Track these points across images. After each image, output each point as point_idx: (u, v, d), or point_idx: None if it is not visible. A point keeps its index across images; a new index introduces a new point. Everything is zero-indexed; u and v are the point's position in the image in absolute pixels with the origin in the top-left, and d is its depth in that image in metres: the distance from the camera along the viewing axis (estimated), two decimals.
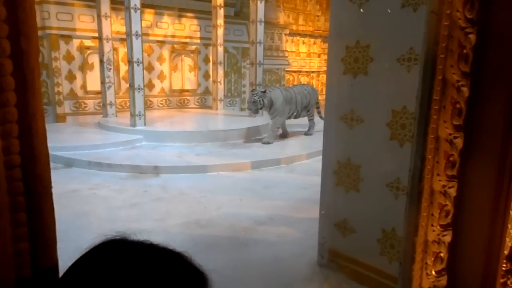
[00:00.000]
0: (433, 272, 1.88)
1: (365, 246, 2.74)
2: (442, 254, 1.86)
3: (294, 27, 13.71)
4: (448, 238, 1.83)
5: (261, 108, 7.24)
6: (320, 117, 8.35)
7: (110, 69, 8.20)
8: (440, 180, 1.74)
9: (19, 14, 0.71)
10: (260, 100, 7.09)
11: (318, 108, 8.52)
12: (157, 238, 2.79)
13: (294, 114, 7.82)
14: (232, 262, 3.10)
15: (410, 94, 2.26)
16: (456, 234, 1.83)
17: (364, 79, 2.51)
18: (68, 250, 3.11)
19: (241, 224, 3.84)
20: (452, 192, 1.73)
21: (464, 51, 1.49)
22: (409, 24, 2.21)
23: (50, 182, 0.88)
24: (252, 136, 7.69)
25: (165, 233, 3.56)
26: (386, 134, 2.45)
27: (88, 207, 4.16)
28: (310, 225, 3.68)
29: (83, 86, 8.82)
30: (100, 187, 4.84)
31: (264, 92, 7.24)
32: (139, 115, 7.26)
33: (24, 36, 0.72)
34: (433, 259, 1.86)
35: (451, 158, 1.69)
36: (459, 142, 1.61)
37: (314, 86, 9.78)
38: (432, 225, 1.81)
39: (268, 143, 7.22)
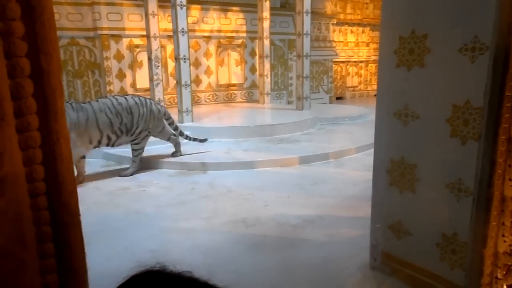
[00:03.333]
0: (505, 287, 1.69)
1: (423, 251, 2.56)
2: None
3: (341, 16, 13.30)
4: None
5: None
6: (188, 138, 6.09)
7: (158, 66, 8.34)
8: None
9: (37, 29, 0.65)
10: None
11: (171, 123, 5.82)
12: (204, 237, 2.75)
13: (105, 142, 5.02)
14: (279, 263, 3.02)
15: (475, 87, 2.04)
16: None
17: (420, 72, 2.31)
18: (118, 248, 3.17)
19: (289, 223, 3.75)
20: None
21: None
22: (473, 10, 1.99)
23: (77, 210, 0.82)
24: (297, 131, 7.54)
25: (211, 232, 3.54)
26: (446, 131, 2.24)
27: (138, 205, 4.24)
28: (361, 225, 3.52)
29: (133, 84, 9.07)
30: (149, 185, 4.93)
31: None
32: (187, 111, 7.34)
33: (44, 53, 0.66)
34: (504, 272, 1.67)
35: None
36: None
37: (147, 98, 5.58)
38: (504, 235, 1.62)
39: None
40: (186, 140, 6.15)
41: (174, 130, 5.86)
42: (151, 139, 5.95)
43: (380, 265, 2.83)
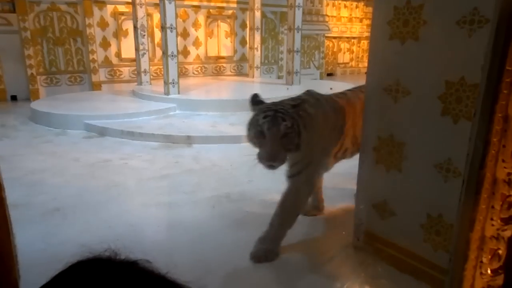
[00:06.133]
0: (489, 271, 1.63)
1: (407, 231, 2.51)
2: (500, 251, 1.60)
3: None
4: (508, 233, 1.56)
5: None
6: None
7: (144, 35, 8.06)
8: (505, 168, 1.45)
9: None
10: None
11: None
12: (186, 212, 2.65)
13: None
14: None
15: (470, 63, 1.93)
16: None
17: (413, 45, 2.19)
18: (97, 221, 3.07)
19: (273, 199, 3.65)
20: None
21: None
22: None
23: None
24: None
25: (194, 207, 3.46)
26: (437, 108, 2.14)
27: (119, 178, 4.11)
28: (346, 203, 3.48)
29: (118, 54, 8.78)
30: (132, 157, 4.79)
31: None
32: (173, 83, 7.14)
33: None
34: (489, 256, 1.61)
35: None
36: None
37: None
38: (492, 219, 1.54)
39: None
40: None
41: None
42: (137, 110, 5.77)
43: (363, 245, 2.79)
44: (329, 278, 2.53)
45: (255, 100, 2.61)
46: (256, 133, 2.42)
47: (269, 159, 2.36)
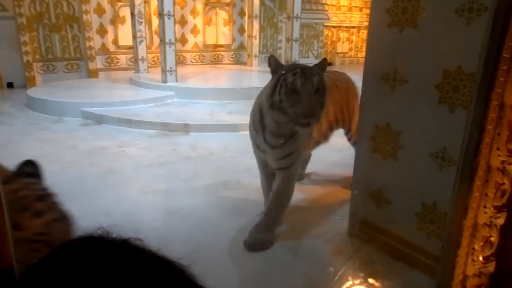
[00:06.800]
0: (481, 258, 1.65)
1: (401, 219, 2.53)
2: (492, 239, 1.62)
3: None
4: (501, 221, 1.58)
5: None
6: None
7: (142, 22, 7.99)
8: (499, 155, 1.46)
9: None
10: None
11: None
12: (183, 200, 2.66)
13: None
14: None
15: (468, 52, 1.93)
16: (511, 216, 1.58)
17: (412, 33, 2.18)
18: (93, 208, 3.08)
19: None
20: None
21: None
22: None
23: None
24: None
25: (191, 195, 3.47)
26: (434, 97, 2.14)
27: (116, 166, 4.11)
28: (342, 192, 3.50)
29: (115, 41, 8.71)
30: (129, 145, 4.79)
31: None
32: (171, 71, 7.10)
33: None
34: (482, 244, 1.63)
35: None
36: None
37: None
38: (485, 207, 1.55)
39: None
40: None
41: None
42: (135, 98, 5.73)
43: (358, 232, 2.81)
44: (323, 265, 2.55)
45: (277, 63, 2.53)
46: (287, 91, 2.30)
47: (308, 115, 2.27)
